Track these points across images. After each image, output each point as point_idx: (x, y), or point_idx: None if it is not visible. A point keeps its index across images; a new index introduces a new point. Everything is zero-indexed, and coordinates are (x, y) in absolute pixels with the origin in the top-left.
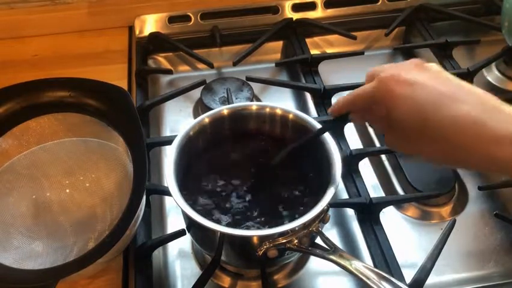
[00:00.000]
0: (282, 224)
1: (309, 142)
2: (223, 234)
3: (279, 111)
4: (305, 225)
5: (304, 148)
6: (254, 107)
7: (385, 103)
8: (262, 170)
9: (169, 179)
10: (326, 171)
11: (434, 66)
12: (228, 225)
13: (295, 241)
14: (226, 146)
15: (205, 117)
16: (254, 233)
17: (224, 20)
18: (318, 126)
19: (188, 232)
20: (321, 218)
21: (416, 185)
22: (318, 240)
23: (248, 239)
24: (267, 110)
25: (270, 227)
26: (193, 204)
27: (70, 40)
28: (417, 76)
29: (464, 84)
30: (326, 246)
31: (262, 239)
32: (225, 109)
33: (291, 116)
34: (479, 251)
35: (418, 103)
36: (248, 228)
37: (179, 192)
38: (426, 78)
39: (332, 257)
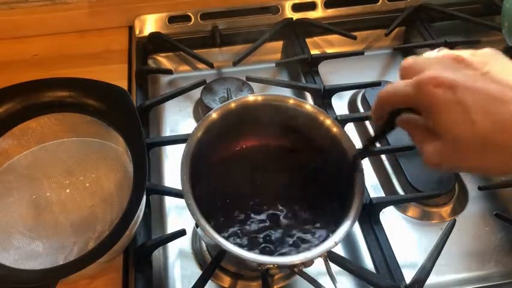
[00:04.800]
0: (291, 244)
1: (349, 169)
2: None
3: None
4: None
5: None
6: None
7: (427, 109)
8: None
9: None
10: (346, 202)
11: (475, 59)
12: (237, 234)
13: (300, 267)
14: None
15: (212, 112)
16: (255, 258)
17: (224, 20)
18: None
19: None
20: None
21: (416, 185)
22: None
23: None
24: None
25: (279, 246)
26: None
27: (70, 40)
28: (460, 76)
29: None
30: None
31: (263, 264)
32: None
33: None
34: (479, 251)
35: (465, 108)
36: (257, 242)
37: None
38: (470, 78)
39: None
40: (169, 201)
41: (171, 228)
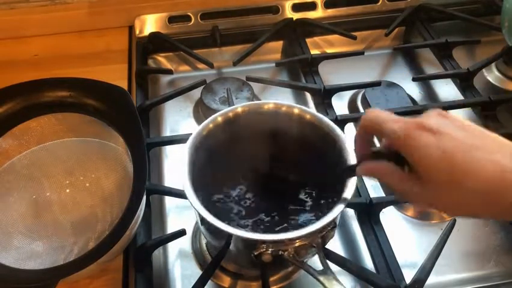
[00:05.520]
0: (287, 229)
1: (336, 178)
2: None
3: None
4: (303, 238)
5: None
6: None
7: (408, 152)
8: (277, 175)
9: (184, 167)
10: (340, 186)
11: (457, 116)
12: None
13: (292, 252)
14: (242, 145)
15: (218, 116)
16: (240, 233)
17: (224, 20)
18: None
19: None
20: (323, 234)
21: None
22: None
23: (240, 238)
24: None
25: (274, 229)
26: (204, 197)
27: (70, 40)
28: (442, 124)
29: (494, 135)
30: (320, 265)
31: (255, 242)
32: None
33: (308, 117)
34: (479, 251)
35: (446, 152)
36: (252, 227)
37: (190, 182)
38: (452, 128)
39: (320, 277)
40: (169, 201)
41: (171, 228)
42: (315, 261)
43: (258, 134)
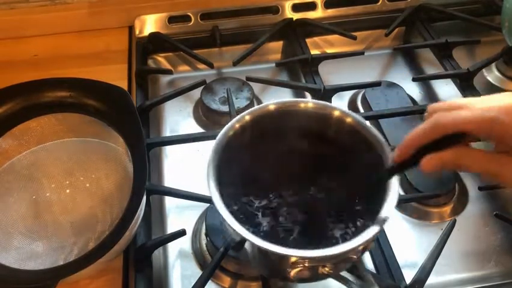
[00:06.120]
0: (324, 243)
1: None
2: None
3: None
4: (344, 254)
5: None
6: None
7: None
8: (310, 180)
9: (210, 174)
10: (381, 197)
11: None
12: (266, 232)
13: (331, 266)
14: (270, 146)
15: (245, 114)
16: (281, 250)
17: (224, 20)
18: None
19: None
20: (364, 247)
21: (417, 185)
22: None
23: (276, 255)
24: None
25: (308, 241)
26: (232, 205)
27: (70, 40)
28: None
29: None
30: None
31: (292, 258)
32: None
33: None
34: (479, 251)
35: None
36: (285, 240)
37: (217, 191)
38: None
39: None
40: (169, 202)
41: (171, 228)
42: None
43: (290, 134)
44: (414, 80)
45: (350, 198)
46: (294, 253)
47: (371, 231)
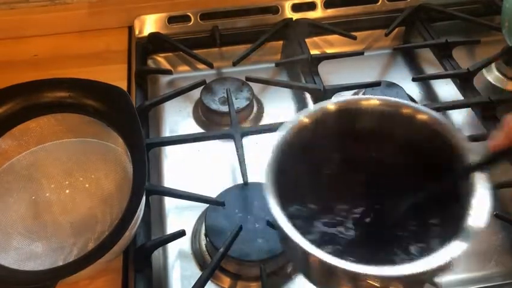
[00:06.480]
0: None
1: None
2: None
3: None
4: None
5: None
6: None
7: None
8: (376, 186)
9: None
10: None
11: None
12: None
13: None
14: (333, 148)
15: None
16: (355, 268)
17: (224, 20)
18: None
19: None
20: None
21: None
22: None
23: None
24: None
25: (374, 255)
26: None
27: (70, 40)
28: None
29: None
30: None
31: (363, 277)
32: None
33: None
34: (480, 251)
35: None
36: (350, 255)
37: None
38: None
39: None
40: (169, 202)
41: (171, 228)
42: None
43: (355, 135)
44: (414, 80)
45: (422, 207)
46: (372, 272)
47: (456, 247)
